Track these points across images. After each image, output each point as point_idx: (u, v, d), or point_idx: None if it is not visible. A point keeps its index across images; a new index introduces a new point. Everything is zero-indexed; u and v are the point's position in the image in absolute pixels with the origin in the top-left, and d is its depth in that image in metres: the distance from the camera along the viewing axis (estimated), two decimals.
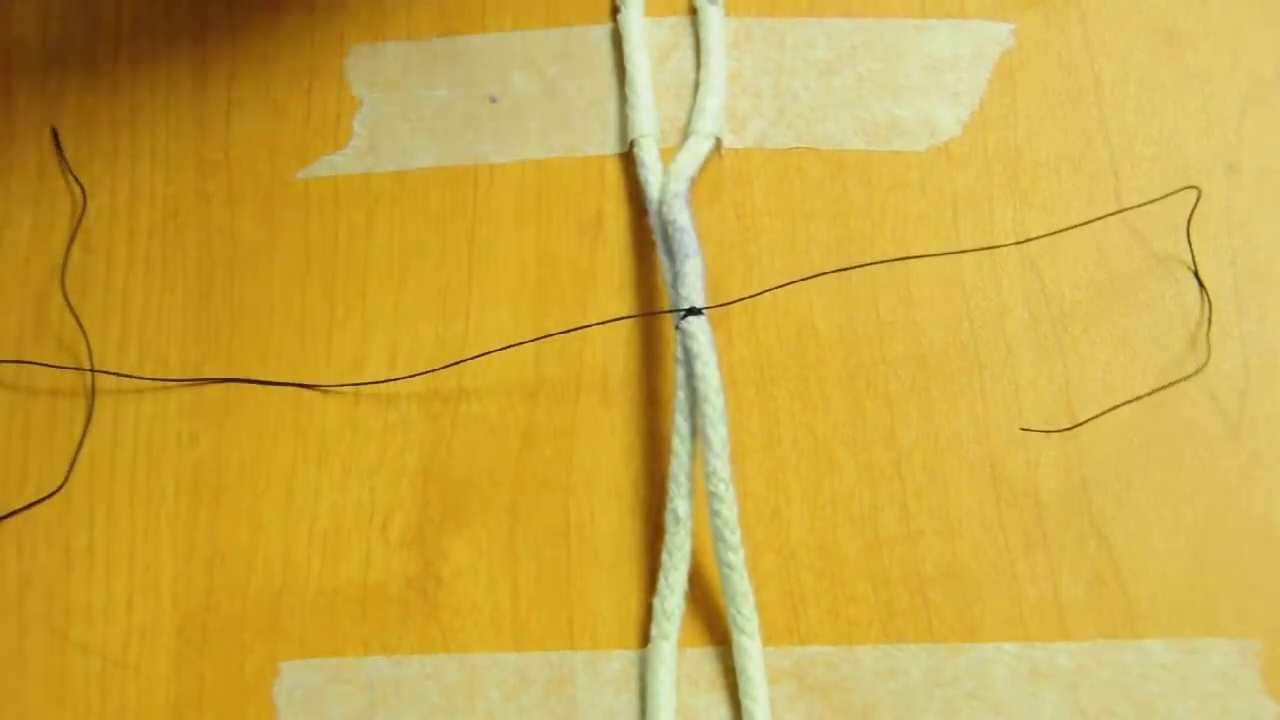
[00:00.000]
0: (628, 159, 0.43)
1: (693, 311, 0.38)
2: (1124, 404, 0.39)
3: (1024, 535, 0.38)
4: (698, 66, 0.44)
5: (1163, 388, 0.39)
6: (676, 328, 0.39)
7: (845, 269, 0.40)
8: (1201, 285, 0.40)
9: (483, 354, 0.40)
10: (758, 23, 0.44)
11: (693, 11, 0.45)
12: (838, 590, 0.38)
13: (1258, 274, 0.40)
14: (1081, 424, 0.39)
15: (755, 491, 0.39)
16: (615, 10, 0.45)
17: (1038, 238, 0.41)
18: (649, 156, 0.42)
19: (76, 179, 0.44)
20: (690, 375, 0.38)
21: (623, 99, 0.43)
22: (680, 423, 0.38)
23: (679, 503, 0.37)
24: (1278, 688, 0.36)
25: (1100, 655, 0.36)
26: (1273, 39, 0.43)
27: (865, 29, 0.44)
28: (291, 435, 0.40)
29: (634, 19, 0.44)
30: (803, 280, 0.40)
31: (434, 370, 0.40)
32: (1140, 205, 0.41)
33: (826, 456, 0.39)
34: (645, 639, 0.37)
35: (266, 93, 0.44)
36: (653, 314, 0.41)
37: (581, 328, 0.40)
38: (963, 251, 0.41)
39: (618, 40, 0.44)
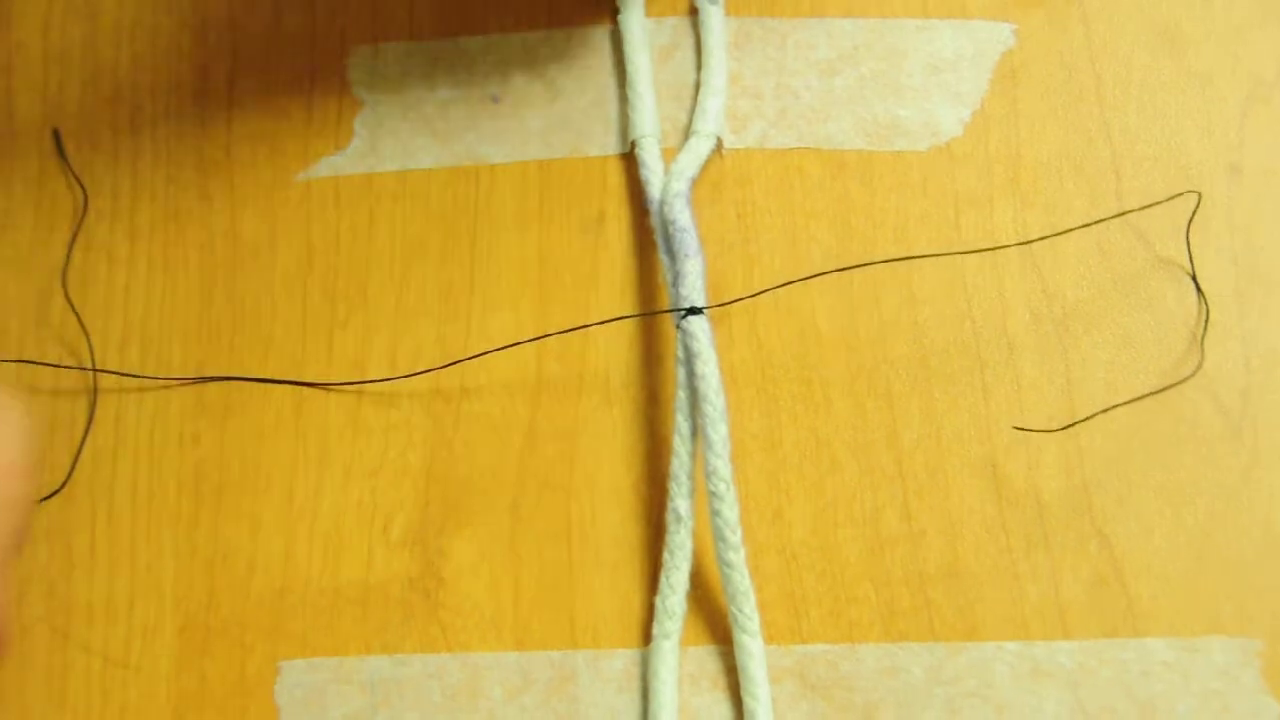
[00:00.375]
0: (629, 159, 0.43)
1: (693, 311, 0.38)
2: (1118, 405, 0.39)
3: (1025, 535, 0.38)
4: (698, 67, 0.44)
5: (1159, 390, 0.39)
6: (677, 327, 0.39)
7: (846, 269, 0.40)
8: (1199, 290, 0.40)
9: (484, 353, 0.40)
10: (758, 23, 0.44)
11: (693, 12, 0.45)
12: (839, 590, 0.38)
13: (1259, 273, 0.40)
14: (1075, 424, 0.39)
15: (757, 491, 0.39)
16: (616, 11, 0.45)
17: (1039, 239, 0.41)
18: (650, 157, 0.42)
19: (78, 179, 0.44)
20: (691, 375, 0.38)
21: (624, 99, 0.43)
22: (681, 422, 0.38)
23: (680, 502, 0.37)
24: (1279, 686, 0.36)
25: (1101, 654, 0.36)
26: (1274, 40, 0.43)
27: (866, 29, 0.44)
28: (293, 435, 0.40)
29: (635, 19, 0.44)
30: (803, 280, 0.40)
31: (435, 369, 0.40)
32: (1143, 208, 0.41)
33: (828, 456, 0.39)
34: (647, 638, 0.37)
35: (267, 93, 0.44)
36: (653, 314, 0.41)
37: (582, 327, 0.40)
38: (965, 252, 0.41)
39: (618, 41, 0.44)
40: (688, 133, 0.43)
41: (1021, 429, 0.39)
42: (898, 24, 0.44)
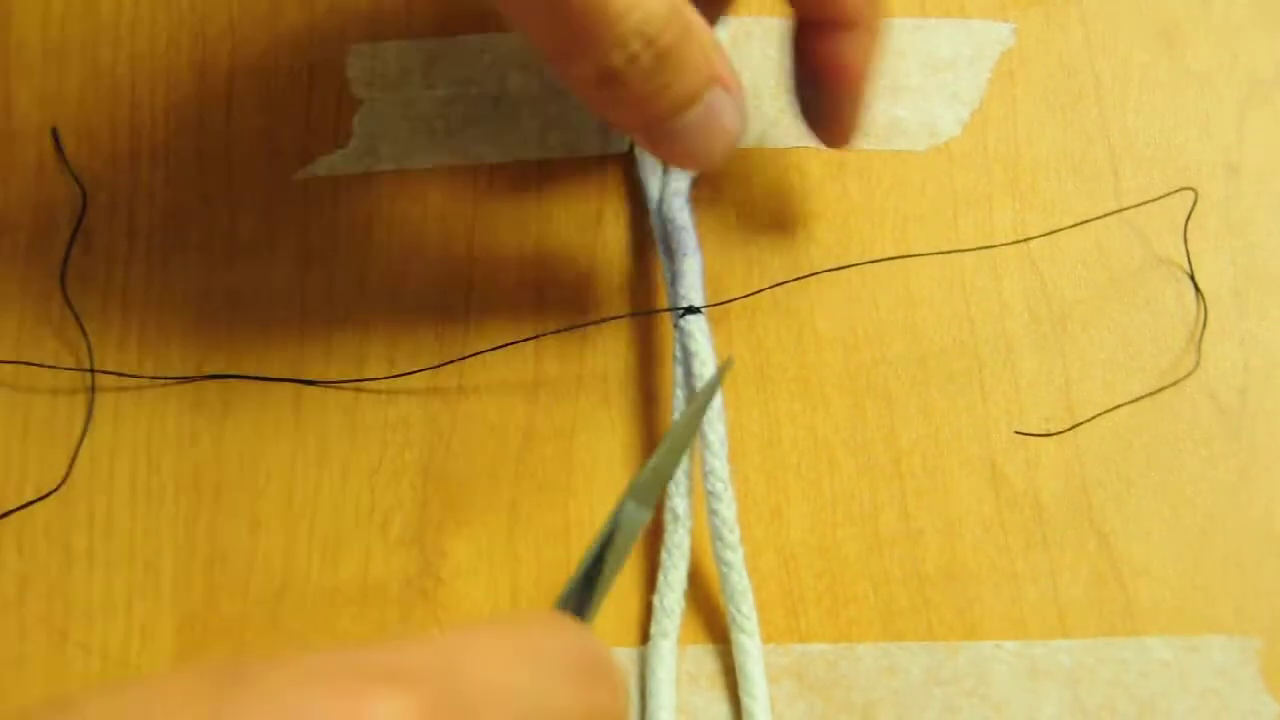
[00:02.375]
0: (628, 159, 0.43)
1: (691, 310, 0.38)
2: (1119, 406, 0.39)
3: (1024, 534, 0.38)
4: None
5: (1157, 390, 0.39)
6: (675, 326, 0.39)
7: (844, 267, 0.40)
8: (1197, 290, 0.40)
9: (481, 352, 0.40)
10: (757, 22, 0.44)
11: None
12: (838, 589, 0.38)
13: (1257, 273, 0.40)
14: (1074, 427, 0.39)
15: (755, 490, 0.39)
16: None
17: (1037, 237, 0.41)
18: (649, 156, 0.42)
19: (77, 179, 0.44)
20: (688, 374, 0.38)
21: None
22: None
23: (678, 501, 0.37)
24: (1277, 685, 0.36)
25: (1100, 653, 0.36)
26: (1272, 40, 0.43)
27: None
28: (291, 434, 0.40)
29: None
30: (801, 279, 0.40)
31: (433, 368, 0.40)
32: (1138, 205, 0.41)
33: (826, 456, 0.39)
34: (645, 637, 0.37)
35: (266, 92, 0.44)
36: (650, 313, 0.41)
37: (580, 326, 0.40)
38: (962, 250, 0.41)
39: None
40: None
41: (1022, 433, 0.39)
42: (896, 24, 0.44)
